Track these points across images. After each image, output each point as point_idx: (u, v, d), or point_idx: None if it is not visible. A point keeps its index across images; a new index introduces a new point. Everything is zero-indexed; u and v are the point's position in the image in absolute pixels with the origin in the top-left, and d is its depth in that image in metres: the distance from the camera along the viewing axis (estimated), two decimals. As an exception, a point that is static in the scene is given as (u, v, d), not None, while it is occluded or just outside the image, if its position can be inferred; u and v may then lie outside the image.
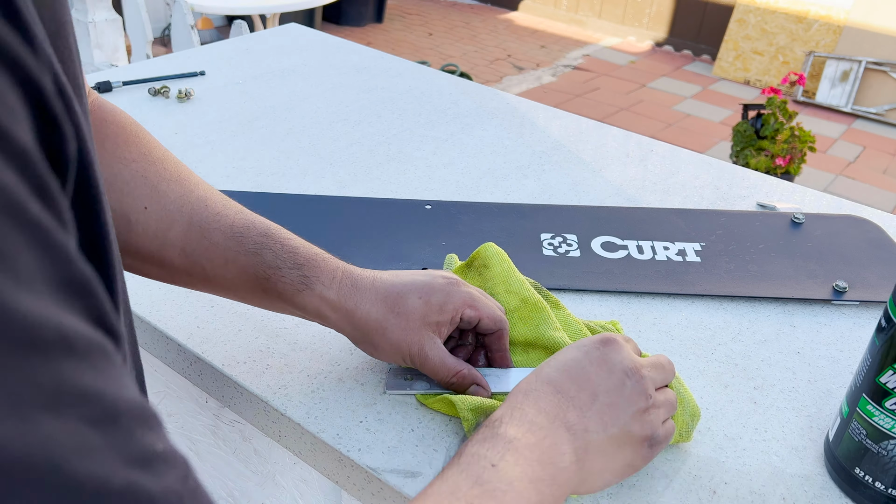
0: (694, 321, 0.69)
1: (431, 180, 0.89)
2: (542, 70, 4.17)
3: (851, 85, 3.82)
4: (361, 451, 0.53)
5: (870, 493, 0.51)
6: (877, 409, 0.49)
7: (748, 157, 2.77)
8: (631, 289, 0.71)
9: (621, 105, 3.75)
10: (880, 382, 0.49)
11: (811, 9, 3.99)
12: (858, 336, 0.68)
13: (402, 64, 1.25)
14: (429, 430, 0.55)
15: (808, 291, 0.72)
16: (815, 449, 0.56)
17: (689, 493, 0.52)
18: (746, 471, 0.54)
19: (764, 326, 0.69)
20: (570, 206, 0.85)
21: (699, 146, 3.33)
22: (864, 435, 0.50)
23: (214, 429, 0.70)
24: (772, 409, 0.59)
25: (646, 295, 0.72)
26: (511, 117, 1.08)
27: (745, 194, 0.92)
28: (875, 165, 3.35)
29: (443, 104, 1.11)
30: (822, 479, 0.54)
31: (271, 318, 0.65)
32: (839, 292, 0.71)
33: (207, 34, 3.80)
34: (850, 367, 0.64)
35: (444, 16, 5.03)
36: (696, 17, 4.50)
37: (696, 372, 0.63)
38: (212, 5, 2.71)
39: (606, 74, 4.17)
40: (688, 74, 4.25)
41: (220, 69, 1.16)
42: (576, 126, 1.08)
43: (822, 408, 0.60)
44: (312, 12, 4.08)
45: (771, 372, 0.63)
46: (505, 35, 4.72)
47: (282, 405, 0.56)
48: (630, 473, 0.49)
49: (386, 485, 0.51)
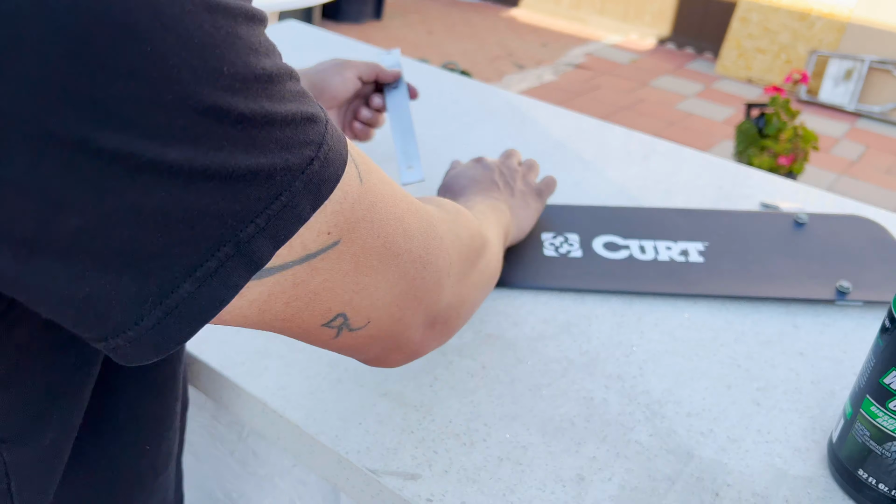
0: (697, 322, 0.68)
1: (431, 180, 0.89)
2: (543, 68, 4.16)
3: (855, 84, 3.81)
4: (360, 453, 0.53)
5: (873, 496, 0.50)
6: (881, 411, 0.48)
7: (751, 157, 2.76)
8: (633, 289, 0.71)
9: (623, 103, 3.75)
10: (884, 384, 0.48)
11: (814, 6, 3.97)
12: (862, 337, 0.68)
13: (402, 63, 1.24)
14: (428, 432, 0.55)
15: (812, 292, 0.71)
16: (818, 451, 0.56)
17: (691, 495, 0.51)
18: (749, 473, 0.53)
19: (767, 327, 0.68)
20: (570, 205, 0.85)
21: (702, 145, 3.32)
22: (868, 436, 0.49)
23: (212, 430, 0.69)
24: (775, 411, 0.59)
25: (648, 295, 0.71)
26: (512, 116, 1.08)
27: (748, 194, 0.91)
28: (878, 165, 3.34)
29: (443, 102, 1.10)
30: (825, 481, 0.53)
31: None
32: (843, 293, 0.71)
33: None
34: (853, 368, 0.64)
35: (444, 13, 5.02)
36: (699, 15, 4.49)
37: (698, 373, 0.62)
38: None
39: (608, 72, 4.16)
40: (690, 73, 4.24)
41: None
42: (577, 125, 1.08)
43: (825, 409, 0.59)
44: (311, 9, 4.08)
45: (774, 373, 0.63)
46: (505, 33, 4.71)
47: (280, 406, 0.56)
48: (537, 216, 0.76)
49: (385, 487, 0.51)
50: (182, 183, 0.26)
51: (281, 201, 0.29)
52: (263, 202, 0.29)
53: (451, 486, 0.50)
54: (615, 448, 0.54)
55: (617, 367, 0.62)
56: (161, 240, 0.27)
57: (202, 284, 0.28)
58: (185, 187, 0.26)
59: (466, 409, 0.57)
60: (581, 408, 0.58)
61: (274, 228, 0.29)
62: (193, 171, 0.26)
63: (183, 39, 0.25)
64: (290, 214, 0.30)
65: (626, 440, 0.55)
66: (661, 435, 0.56)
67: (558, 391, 0.59)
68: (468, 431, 0.55)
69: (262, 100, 0.28)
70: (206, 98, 0.26)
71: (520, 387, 0.59)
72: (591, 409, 0.58)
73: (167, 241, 0.27)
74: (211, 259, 0.28)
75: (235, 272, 0.29)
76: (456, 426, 0.55)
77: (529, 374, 0.61)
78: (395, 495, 0.50)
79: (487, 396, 0.58)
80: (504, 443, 0.54)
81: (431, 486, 0.50)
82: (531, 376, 0.60)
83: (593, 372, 0.61)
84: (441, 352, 0.62)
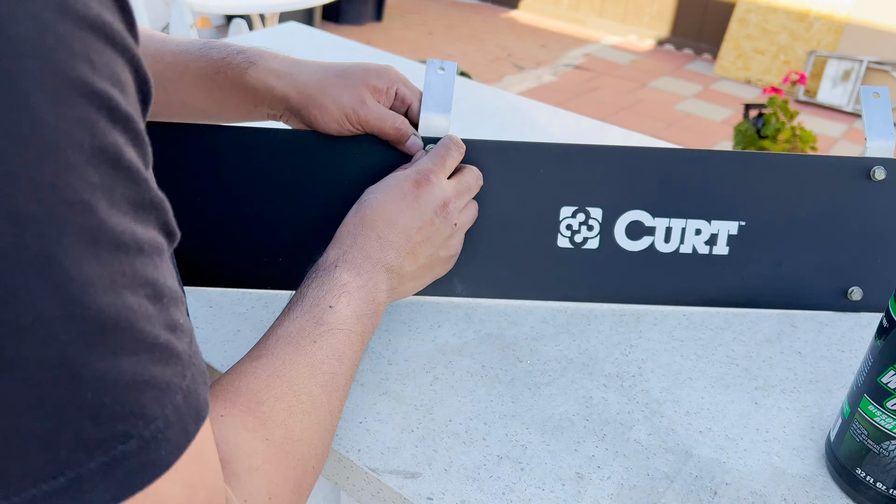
0: (695, 321, 0.68)
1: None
2: (542, 69, 4.17)
3: (853, 84, 3.81)
4: (361, 452, 0.53)
5: (871, 494, 0.50)
6: (878, 410, 0.49)
7: (749, 157, 2.76)
8: (642, 300, 0.69)
9: (622, 104, 3.75)
10: (882, 383, 0.48)
11: (813, 7, 3.98)
12: (860, 336, 0.68)
13: (401, 63, 1.24)
14: (429, 430, 0.55)
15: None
16: (816, 450, 0.56)
17: (689, 493, 0.51)
18: (748, 471, 0.54)
19: (765, 327, 0.68)
20: (601, 147, 0.66)
21: (701, 145, 3.33)
22: (866, 436, 0.50)
23: (213, 429, 0.69)
24: (773, 410, 0.59)
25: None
26: (511, 117, 1.08)
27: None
28: (876, 165, 3.35)
29: (443, 103, 1.10)
30: (823, 480, 0.53)
31: (271, 319, 0.64)
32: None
33: (206, 33, 3.80)
34: (851, 367, 0.64)
35: (444, 14, 5.02)
36: (698, 16, 4.49)
37: (697, 372, 0.62)
38: (211, 4, 2.71)
39: (607, 73, 4.16)
40: (689, 73, 4.25)
41: (220, 68, 1.16)
42: (576, 125, 1.08)
43: (823, 408, 0.60)
44: (312, 11, 4.08)
45: (772, 372, 0.63)
46: (505, 34, 4.71)
47: (281, 405, 0.56)
48: (433, 280, 0.62)
49: (385, 486, 0.51)
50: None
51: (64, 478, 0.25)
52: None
53: (450, 485, 0.51)
54: (614, 447, 0.55)
55: (616, 367, 0.62)
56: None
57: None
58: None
59: (466, 408, 0.57)
60: (580, 407, 0.58)
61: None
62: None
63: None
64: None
65: (625, 439, 0.55)
66: (659, 434, 0.56)
67: (557, 390, 0.59)
68: (468, 430, 0.55)
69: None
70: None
71: (519, 386, 0.60)
72: (590, 408, 0.58)
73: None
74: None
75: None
76: (456, 425, 0.55)
77: (529, 373, 0.61)
78: (396, 494, 0.50)
79: (487, 395, 0.58)
80: (503, 441, 0.54)
81: (431, 485, 0.51)
82: (531, 375, 0.61)
83: (592, 371, 0.62)
84: (441, 351, 0.62)
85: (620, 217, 0.67)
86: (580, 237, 0.67)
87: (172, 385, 0.28)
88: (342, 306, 0.50)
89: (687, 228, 0.67)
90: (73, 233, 0.24)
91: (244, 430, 0.39)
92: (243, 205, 0.65)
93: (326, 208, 0.63)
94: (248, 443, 0.38)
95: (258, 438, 0.39)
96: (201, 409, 0.30)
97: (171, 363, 0.28)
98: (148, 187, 0.27)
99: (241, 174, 0.64)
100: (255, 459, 0.37)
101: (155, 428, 0.27)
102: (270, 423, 0.40)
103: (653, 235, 0.68)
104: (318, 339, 0.47)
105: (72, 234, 0.24)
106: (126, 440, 0.26)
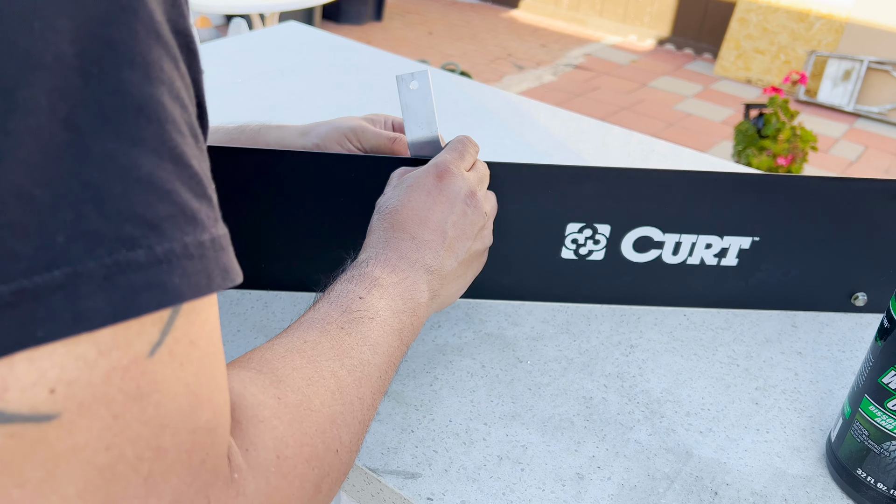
0: (696, 321, 0.68)
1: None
2: (542, 69, 4.16)
3: (853, 84, 3.81)
4: (361, 452, 0.53)
5: (871, 495, 0.50)
6: (879, 410, 0.49)
7: (750, 157, 2.76)
8: (644, 303, 0.69)
9: (622, 104, 3.75)
10: (882, 383, 0.48)
11: (813, 7, 3.98)
12: (861, 336, 0.68)
13: (401, 63, 1.24)
14: (428, 431, 0.55)
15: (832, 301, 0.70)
16: (816, 450, 0.56)
17: (690, 493, 0.51)
18: (748, 472, 0.54)
19: (766, 327, 0.68)
20: (617, 169, 0.63)
21: (701, 145, 3.33)
22: (867, 436, 0.50)
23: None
24: (773, 410, 0.59)
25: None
26: (511, 116, 1.08)
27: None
28: (877, 165, 3.35)
29: (443, 103, 1.10)
30: (823, 481, 0.53)
31: (270, 319, 0.64)
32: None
33: (206, 33, 3.80)
34: (852, 367, 0.64)
35: (445, 14, 5.02)
36: (698, 16, 4.49)
37: (697, 372, 0.62)
38: (210, 4, 2.71)
39: (607, 73, 4.16)
40: (689, 73, 4.25)
41: (219, 68, 1.16)
42: (577, 125, 1.08)
43: (823, 409, 0.60)
44: (312, 11, 4.08)
45: (773, 373, 0.63)
46: (505, 34, 4.71)
47: (280, 406, 0.56)
48: (474, 277, 0.58)
49: (385, 486, 0.51)
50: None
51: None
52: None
53: (450, 485, 0.50)
54: (614, 447, 0.55)
55: (616, 367, 0.62)
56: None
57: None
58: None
59: (466, 409, 0.57)
60: (580, 407, 0.58)
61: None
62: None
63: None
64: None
65: (626, 439, 0.55)
66: (660, 434, 0.56)
67: (558, 390, 0.59)
68: (468, 430, 0.55)
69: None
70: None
71: (519, 386, 0.60)
72: (590, 408, 0.58)
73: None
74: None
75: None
76: (456, 425, 0.55)
77: (529, 373, 0.61)
78: (396, 494, 0.50)
79: (487, 396, 0.58)
80: (503, 442, 0.54)
81: (431, 485, 0.50)
82: (531, 376, 0.61)
83: (593, 371, 0.62)
84: (441, 351, 0.62)
85: (629, 233, 0.65)
86: (585, 250, 0.66)
87: (199, 220, 0.24)
88: (374, 298, 0.45)
89: (697, 243, 0.66)
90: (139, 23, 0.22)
91: (251, 384, 0.34)
92: (245, 210, 0.64)
93: (327, 210, 0.63)
94: (255, 396, 0.33)
95: (268, 395, 0.34)
96: (231, 271, 0.26)
97: (202, 201, 0.24)
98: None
99: (244, 187, 0.63)
100: (262, 412, 0.32)
101: (169, 249, 0.23)
102: (283, 386, 0.35)
103: (661, 249, 0.66)
104: (346, 326, 0.42)
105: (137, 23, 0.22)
106: (132, 247, 0.22)
